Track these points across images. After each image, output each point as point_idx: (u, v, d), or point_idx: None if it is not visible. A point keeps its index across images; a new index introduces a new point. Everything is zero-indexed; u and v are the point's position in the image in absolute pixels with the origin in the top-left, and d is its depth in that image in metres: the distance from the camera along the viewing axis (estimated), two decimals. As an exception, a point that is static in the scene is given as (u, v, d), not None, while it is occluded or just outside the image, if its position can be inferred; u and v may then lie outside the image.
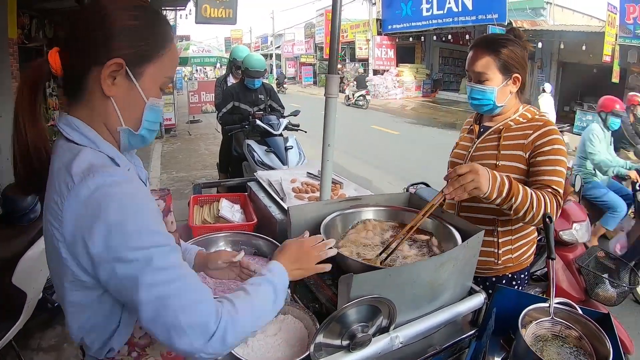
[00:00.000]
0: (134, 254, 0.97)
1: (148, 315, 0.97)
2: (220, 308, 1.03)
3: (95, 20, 1.06)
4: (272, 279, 1.20)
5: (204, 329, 0.99)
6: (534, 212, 1.72)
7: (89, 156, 1.03)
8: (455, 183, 1.62)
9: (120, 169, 1.05)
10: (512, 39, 2.01)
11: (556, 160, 1.89)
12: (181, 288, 1.00)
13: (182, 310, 0.98)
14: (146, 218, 1.01)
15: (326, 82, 2.16)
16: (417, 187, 4.10)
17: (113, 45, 1.05)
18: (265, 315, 1.16)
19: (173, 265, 1.02)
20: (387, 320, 1.37)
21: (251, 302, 1.11)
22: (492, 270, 2.14)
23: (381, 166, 10.19)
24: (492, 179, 1.65)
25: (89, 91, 1.09)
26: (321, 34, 33.07)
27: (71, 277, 1.03)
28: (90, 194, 0.97)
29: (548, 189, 1.82)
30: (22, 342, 3.32)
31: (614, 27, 14.08)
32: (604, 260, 3.26)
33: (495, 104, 2.02)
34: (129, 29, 1.07)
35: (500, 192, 1.67)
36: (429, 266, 1.42)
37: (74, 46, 1.07)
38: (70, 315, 1.10)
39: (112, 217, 0.96)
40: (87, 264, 0.99)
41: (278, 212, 2.35)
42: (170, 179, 8.78)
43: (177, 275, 1.01)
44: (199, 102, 15.18)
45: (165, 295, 0.97)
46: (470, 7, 19.06)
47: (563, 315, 1.50)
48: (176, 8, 13.29)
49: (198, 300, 1.01)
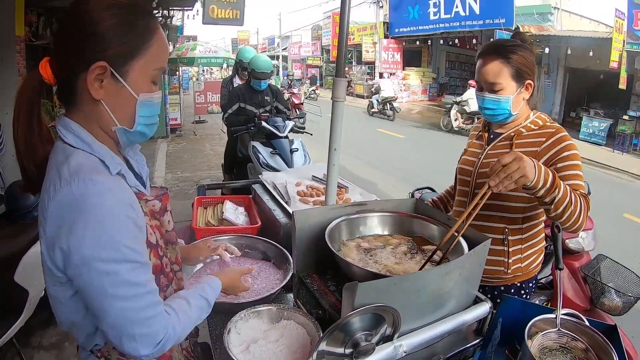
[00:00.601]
0: (104, 266, 1.01)
1: (107, 322, 1.06)
2: (168, 322, 1.13)
3: (73, 27, 1.07)
4: (208, 297, 1.37)
5: (152, 340, 1.09)
6: (572, 209, 1.68)
7: (79, 160, 1.06)
8: (501, 174, 1.56)
9: (108, 177, 1.07)
10: (521, 44, 1.97)
11: (575, 165, 1.87)
12: (142, 305, 1.07)
13: (139, 324, 1.07)
14: (122, 232, 1.04)
15: (333, 86, 2.15)
16: (423, 192, 4.08)
17: (94, 49, 1.06)
18: (196, 322, 1.31)
19: (138, 283, 1.07)
20: (392, 329, 1.35)
21: (190, 315, 1.25)
22: (501, 279, 2.12)
23: (386, 169, 10.18)
24: (538, 167, 1.60)
25: (79, 96, 1.11)
26: (328, 36, 33.01)
27: (48, 272, 1.08)
28: (73, 198, 1.00)
29: (576, 192, 1.76)
30: (23, 340, 3.33)
31: (622, 33, 13.99)
32: (610, 269, 3.23)
33: (511, 112, 1.98)
34: (106, 30, 1.06)
35: (546, 181, 1.62)
36: (435, 275, 1.40)
37: (59, 54, 1.09)
38: (54, 309, 1.17)
39: (89, 226, 0.99)
40: (60, 263, 1.04)
41: (282, 216, 2.33)
42: (175, 178, 8.77)
43: (140, 293, 1.07)
44: (205, 102, 15.21)
45: (127, 308, 1.05)
46: (478, 12, 18.98)
47: (570, 327, 1.48)
48: (183, 8, 13.32)
49: (153, 315, 1.10)
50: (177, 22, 17.21)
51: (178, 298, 1.29)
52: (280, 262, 2.06)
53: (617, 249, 5.84)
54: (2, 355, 3.14)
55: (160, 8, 11.64)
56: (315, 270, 1.73)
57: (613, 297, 3.05)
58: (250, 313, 1.59)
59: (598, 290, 3.09)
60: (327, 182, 2.22)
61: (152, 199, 1.26)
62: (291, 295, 1.84)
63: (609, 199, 8.50)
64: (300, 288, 1.72)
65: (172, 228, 1.37)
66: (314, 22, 39.50)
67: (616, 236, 6.44)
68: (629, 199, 9.08)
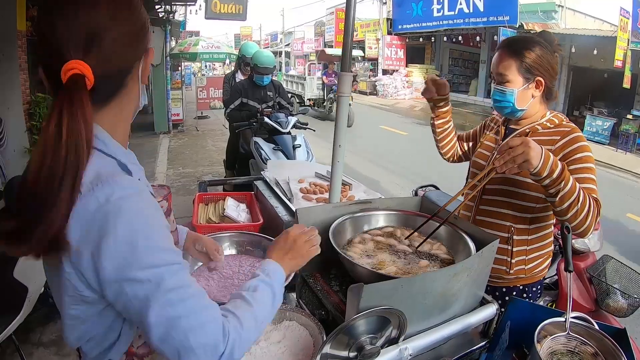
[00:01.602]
0: (144, 274, 0.93)
1: (158, 335, 0.94)
2: (227, 325, 1.01)
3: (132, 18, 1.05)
4: (269, 281, 1.18)
5: (213, 350, 0.97)
6: (578, 207, 1.66)
7: (97, 163, 0.97)
8: (506, 155, 1.58)
9: (130, 179, 1.00)
10: (540, 42, 1.96)
11: (588, 168, 1.85)
12: (191, 308, 0.97)
13: (192, 331, 0.95)
14: (156, 235, 0.97)
15: (339, 80, 2.11)
16: (426, 190, 4.04)
17: (146, 34, 1.09)
18: (266, 319, 1.15)
19: (183, 285, 0.98)
20: (397, 331, 1.32)
21: (253, 312, 1.09)
22: (503, 279, 2.09)
23: (389, 167, 10.16)
24: (545, 156, 1.60)
25: (126, 89, 1.08)
26: (331, 32, 32.97)
27: (72, 291, 0.98)
28: (99, 206, 0.92)
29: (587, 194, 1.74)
30: (23, 337, 3.31)
31: (627, 32, 13.95)
32: (616, 270, 3.20)
33: (515, 106, 1.97)
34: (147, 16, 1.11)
35: (552, 171, 1.61)
36: (442, 276, 1.37)
37: (115, 49, 1.01)
38: (69, 327, 1.06)
39: (121, 233, 0.91)
40: (93, 280, 0.95)
41: (285, 213, 2.30)
42: (177, 174, 8.76)
43: (187, 295, 0.97)
44: (207, 98, 15.16)
45: (176, 316, 0.94)
46: (482, 9, 18.96)
47: (579, 331, 1.45)
48: (186, 3, 13.29)
49: (207, 320, 0.98)
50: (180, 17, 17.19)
51: (234, 298, 1.15)
52: (282, 261, 2.02)
53: (620, 249, 5.82)
54: (2, 351, 3.13)
55: (163, 3, 11.63)
56: (319, 269, 1.71)
57: (618, 298, 3.02)
58: (251, 313, 1.55)
59: (603, 291, 3.06)
60: (332, 180, 2.18)
61: (161, 200, 1.22)
62: (294, 294, 1.81)
63: (612, 199, 8.46)
64: (303, 288, 1.69)
65: (175, 228, 1.34)
66: (317, 18, 39.50)
67: (619, 236, 6.41)
68: (632, 199, 9.05)
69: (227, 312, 1.05)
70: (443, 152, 2.46)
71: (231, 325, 1.02)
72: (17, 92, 6.31)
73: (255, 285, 1.16)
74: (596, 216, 1.71)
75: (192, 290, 0.99)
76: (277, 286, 1.19)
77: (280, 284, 1.21)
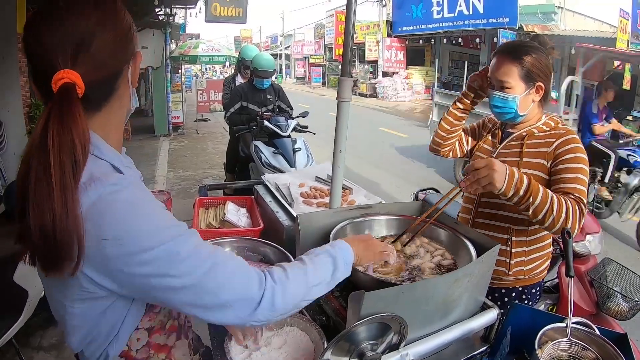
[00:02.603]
0: (153, 253, 0.93)
1: (187, 302, 0.97)
2: (263, 275, 1.04)
3: (118, 22, 1.05)
4: (332, 251, 1.22)
5: (248, 301, 1.01)
6: (554, 215, 1.67)
7: (91, 166, 0.96)
8: (471, 177, 1.61)
9: (121, 176, 1.00)
10: (537, 47, 1.97)
11: (578, 168, 1.84)
12: (213, 267, 0.99)
13: (221, 288, 0.98)
14: (156, 215, 0.98)
15: (339, 85, 2.11)
16: (427, 193, 4.05)
17: (133, 38, 1.09)
18: (321, 285, 1.16)
19: (196, 249, 0.99)
20: (398, 337, 1.31)
21: (305, 270, 1.13)
22: (502, 280, 2.10)
23: (389, 169, 10.15)
24: (510, 176, 1.63)
25: (118, 93, 1.09)
26: (331, 34, 33.00)
27: (75, 289, 0.98)
28: (92, 204, 0.92)
29: (571, 195, 1.76)
30: (23, 341, 3.31)
31: (626, 33, 13.94)
32: (617, 273, 3.20)
33: (517, 112, 1.98)
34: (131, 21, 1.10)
35: (518, 189, 1.65)
36: (444, 282, 1.37)
37: (103, 55, 1.01)
38: (72, 328, 1.06)
39: (120, 223, 0.92)
40: (96, 275, 0.95)
41: (286, 218, 2.30)
42: (177, 177, 8.77)
43: (205, 256, 0.99)
44: (207, 100, 15.17)
45: (199, 280, 0.97)
46: (481, 11, 18.95)
47: (580, 336, 1.45)
48: (186, 6, 13.29)
49: (233, 273, 1.01)
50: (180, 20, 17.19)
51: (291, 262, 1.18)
52: (283, 266, 2.02)
53: (622, 251, 5.82)
54: (2, 355, 3.13)
55: (163, 6, 11.63)
56: (319, 275, 1.70)
57: (619, 301, 3.01)
58: (252, 319, 1.55)
59: (604, 294, 3.05)
60: (332, 185, 2.18)
61: None
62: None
63: (613, 200, 8.44)
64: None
65: None
66: (317, 21, 39.59)
67: (621, 238, 6.40)
68: (633, 200, 8.99)
69: (276, 266, 1.10)
70: (444, 144, 2.33)
71: (274, 275, 1.05)
72: (18, 95, 6.31)
73: (318, 252, 1.22)
74: (579, 217, 1.71)
75: (206, 250, 1.01)
76: (340, 260, 1.23)
77: (344, 260, 1.24)
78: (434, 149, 2.38)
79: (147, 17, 11.45)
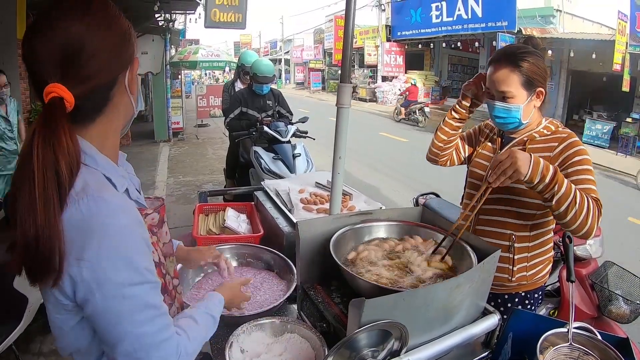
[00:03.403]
0: (122, 290, 0.96)
1: (122, 350, 0.99)
2: (180, 343, 1.09)
3: (112, 31, 1.04)
4: (213, 314, 1.34)
5: None
6: (577, 209, 1.66)
7: (84, 176, 0.98)
8: (497, 170, 1.63)
9: (117, 194, 1.03)
10: (532, 50, 1.93)
11: (587, 169, 1.84)
12: (157, 328, 1.03)
13: (154, 348, 1.02)
14: (138, 252, 1.00)
15: (338, 92, 2.11)
16: (427, 198, 4.04)
17: (130, 47, 1.08)
18: (205, 339, 1.27)
19: (154, 305, 1.03)
20: (399, 344, 1.31)
21: (199, 334, 1.22)
22: (504, 287, 2.09)
23: (389, 173, 10.16)
24: (534, 163, 1.64)
25: (113, 102, 1.08)
26: (330, 39, 33.09)
27: (52, 299, 1.01)
28: (82, 218, 0.94)
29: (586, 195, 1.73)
30: (23, 347, 3.31)
31: (625, 35, 13.97)
32: (618, 276, 3.19)
33: (521, 121, 1.95)
34: (129, 27, 1.10)
35: (544, 176, 1.65)
36: (445, 289, 1.36)
37: (95, 65, 1.01)
38: (55, 335, 1.09)
39: (103, 248, 0.94)
40: (68, 289, 0.97)
41: (285, 224, 2.29)
42: (177, 183, 8.76)
43: (156, 315, 1.03)
44: (207, 106, 15.16)
45: (144, 333, 1.00)
46: (480, 14, 19.00)
47: (581, 341, 1.45)
48: (186, 12, 13.32)
49: (166, 338, 1.05)
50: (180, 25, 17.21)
51: (185, 317, 1.25)
52: (283, 273, 2.02)
53: (621, 253, 5.81)
54: (2, 362, 3.12)
55: (162, 12, 11.65)
56: (320, 281, 1.70)
57: (621, 304, 3.01)
58: (253, 326, 1.55)
59: (605, 297, 3.05)
60: (332, 191, 2.18)
61: (151, 212, 1.22)
62: (295, 306, 1.81)
63: (613, 203, 8.45)
64: (304, 300, 1.68)
65: (170, 239, 1.34)
66: (316, 26, 39.62)
67: (620, 240, 6.40)
68: (633, 203, 9.04)
69: (180, 330, 1.15)
70: (441, 154, 2.30)
71: (182, 343, 1.10)
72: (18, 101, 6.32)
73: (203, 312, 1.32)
74: (597, 216, 1.70)
75: (160, 311, 1.05)
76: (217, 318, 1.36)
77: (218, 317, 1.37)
78: (432, 159, 2.35)
79: (147, 22, 11.48)
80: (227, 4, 9.51)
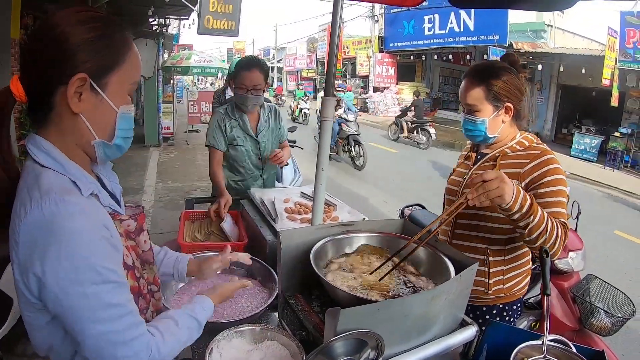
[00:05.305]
0: (82, 289, 0.99)
1: (88, 347, 1.03)
2: (151, 342, 1.12)
3: (51, 40, 1.05)
4: (198, 317, 1.36)
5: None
6: (547, 236, 1.70)
7: (50, 179, 1.04)
8: (480, 189, 1.59)
9: (80, 197, 1.05)
10: (505, 67, 2.00)
11: (558, 190, 1.87)
12: (123, 326, 1.06)
13: (121, 346, 1.05)
14: (97, 253, 1.02)
15: (322, 105, 2.12)
16: (413, 209, 4.07)
17: (73, 62, 1.05)
18: (186, 343, 1.29)
19: (119, 304, 1.06)
20: (375, 353, 1.33)
21: (178, 336, 1.24)
22: (482, 299, 2.11)
23: (377, 184, 10.19)
24: (517, 192, 1.63)
25: (57, 112, 1.09)
26: (323, 48, 33.20)
27: (23, 297, 1.04)
28: (44, 220, 0.98)
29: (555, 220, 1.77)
30: (7, 348, 3.27)
31: (614, 51, 14.16)
32: (600, 289, 3.22)
33: (487, 134, 2.01)
34: (86, 43, 1.06)
35: (522, 206, 1.65)
36: (421, 300, 1.38)
37: (34, 70, 1.07)
38: (29, 333, 1.12)
39: (63, 249, 0.97)
40: (34, 288, 1.00)
41: (269, 234, 2.31)
42: (166, 188, 8.74)
43: (121, 314, 1.06)
44: (198, 112, 15.15)
45: (108, 331, 1.03)
46: (472, 28, 19.17)
47: (556, 353, 1.47)
48: (180, 17, 13.34)
49: (136, 336, 1.08)
50: (173, 30, 17.23)
51: (165, 318, 1.27)
52: (266, 281, 2.03)
53: (608, 266, 5.86)
54: (-15, 363, 3.10)
55: (156, 16, 11.66)
56: (301, 290, 1.71)
57: (602, 317, 3.04)
58: (233, 332, 1.56)
59: (587, 310, 3.08)
60: (314, 202, 2.19)
61: (127, 219, 1.24)
62: (276, 314, 1.82)
63: (600, 216, 8.54)
64: (285, 308, 1.69)
65: (150, 247, 1.35)
66: (309, 35, 39.73)
67: (607, 253, 6.46)
68: (619, 216, 9.12)
69: (155, 330, 1.18)
70: None
71: (154, 342, 1.13)
72: (10, 100, 6.28)
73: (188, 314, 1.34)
74: (563, 240, 1.75)
75: (127, 308, 1.08)
76: (203, 322, 1.39)
77: (205, 320, 1.41)
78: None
79: (141, 26, 11.48)
80: (221, 11, 9.53)
